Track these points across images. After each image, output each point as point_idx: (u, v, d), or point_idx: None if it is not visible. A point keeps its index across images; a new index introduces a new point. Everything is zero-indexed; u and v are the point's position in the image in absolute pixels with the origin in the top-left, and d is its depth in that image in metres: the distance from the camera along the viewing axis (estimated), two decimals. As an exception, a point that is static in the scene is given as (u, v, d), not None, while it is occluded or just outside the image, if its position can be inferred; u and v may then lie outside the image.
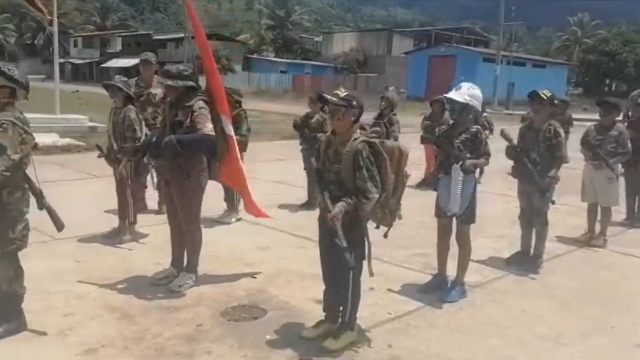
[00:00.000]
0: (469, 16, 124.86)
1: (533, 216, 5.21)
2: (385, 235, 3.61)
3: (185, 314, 3.87)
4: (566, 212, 7.34)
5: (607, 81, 51.42)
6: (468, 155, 4.29)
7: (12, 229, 3.32)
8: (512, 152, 5.14)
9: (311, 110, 7.32)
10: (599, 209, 6.16)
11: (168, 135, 4.09)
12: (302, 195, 7.41)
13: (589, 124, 6.40)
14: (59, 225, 3.55)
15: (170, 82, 4.16)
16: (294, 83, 49.01)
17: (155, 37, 57.85)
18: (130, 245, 5.37)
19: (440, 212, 4.48)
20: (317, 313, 3.75)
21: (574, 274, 5.18)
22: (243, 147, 6.52)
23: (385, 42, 56.72)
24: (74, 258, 4.94)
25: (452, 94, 4.32)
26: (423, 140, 9.12)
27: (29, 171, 3.42)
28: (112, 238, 5.44)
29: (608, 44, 47.46)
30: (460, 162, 4.23)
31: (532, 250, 5.32)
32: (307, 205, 7.17)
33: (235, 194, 6.48)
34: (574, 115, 22.54)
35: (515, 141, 5.18)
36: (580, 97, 44.76)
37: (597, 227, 6.17)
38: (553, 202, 5.07)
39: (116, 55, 58.55)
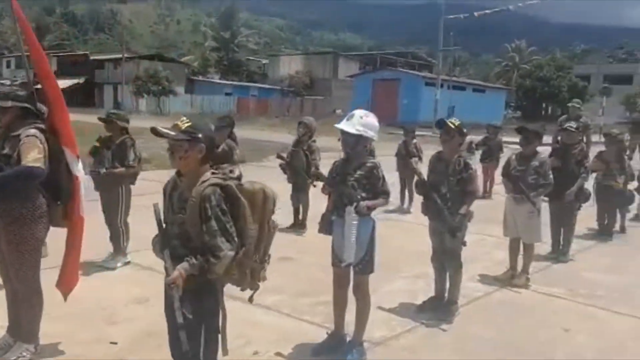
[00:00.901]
0: (416, 41, 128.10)
1: (445, 259, 4.70)
2: (250, 300, 2.96)
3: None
4: (494, 245, 6.95)
5: (544, 105, 53.16)
6: (364, 194, 3.73)
7: None
8: (421, 186, 4.63)
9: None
10: (521, 244, 5.74)
11: None
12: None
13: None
14: None
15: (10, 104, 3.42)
16: (239, 105, 48.21)
17: (93, 58, 55.98)
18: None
19: (335, 261, 3.88)
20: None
21: (490, 322, 4.67)
22: (132, 180, 5.78)
23: (331, 65, 56.95)
24: None
25: (343, 125, 3.75)
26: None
27: None
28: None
29: (543, 69, 49.13)
30: (355, 204, 3.66)
31: (446, 295, 4.80)
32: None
33: (122, 233, 5.70)
34: (511, 139, 22.79)
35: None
36: (518, 120, 45.97)
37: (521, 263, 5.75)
38: (464, 244, 4.57)
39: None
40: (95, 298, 4.67)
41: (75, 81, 49.07)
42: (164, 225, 2.75)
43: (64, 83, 48.11)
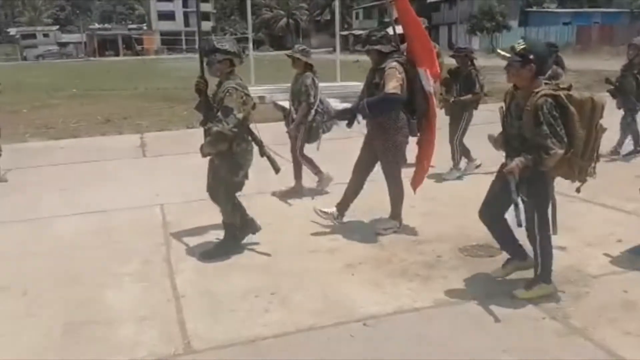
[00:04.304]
0: None
1: None
2: (578, 190, 3.53)
3: (427, 247, 4.47)
4: None
5: None
6: None
7: (237, 173, 4.21)
8: None
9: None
10: None
11: (367, 97, 4.64)
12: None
13: None
14: (276, 169, 4.36)
15: (368, 48, 4.64)
16: (579, 35, 44.20)
17: (429, 1, 58.29)
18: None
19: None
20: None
21: None
22: (475, 106, 6.65)
23: None
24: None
25: None
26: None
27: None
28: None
29: None
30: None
31: None
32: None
33: (457, 151, 6.67)
34: None
35: None
36: None
37: None
38: None
39: (389, 24, 61.06)
40: (449, 195, 5.90)
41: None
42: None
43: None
